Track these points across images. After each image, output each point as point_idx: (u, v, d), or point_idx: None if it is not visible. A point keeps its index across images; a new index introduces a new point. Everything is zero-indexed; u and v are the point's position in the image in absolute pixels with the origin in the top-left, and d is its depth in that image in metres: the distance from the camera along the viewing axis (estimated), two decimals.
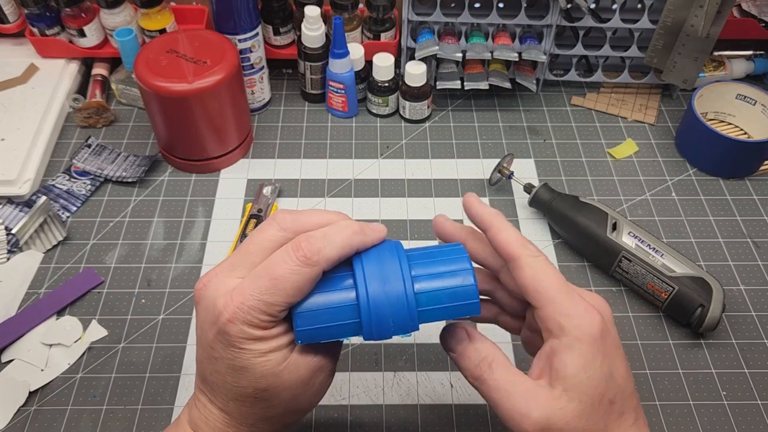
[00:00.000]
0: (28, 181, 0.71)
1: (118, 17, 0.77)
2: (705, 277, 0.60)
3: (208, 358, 0.37)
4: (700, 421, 0.56)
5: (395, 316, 0.36)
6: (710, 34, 0.73)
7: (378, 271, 0.37)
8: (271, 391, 0.37)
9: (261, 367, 0.36)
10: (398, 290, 0.36)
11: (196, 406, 0.40)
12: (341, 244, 0.37)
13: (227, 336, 0.36)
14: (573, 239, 0.67)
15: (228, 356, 0.36)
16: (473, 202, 0.42)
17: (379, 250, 0.38)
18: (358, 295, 0.36)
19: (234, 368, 0.36)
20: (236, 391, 0.37)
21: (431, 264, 0.38)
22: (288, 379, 0.37)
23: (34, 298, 0.63)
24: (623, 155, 0.78)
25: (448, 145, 0.78)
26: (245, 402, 0.38)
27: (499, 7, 0.77)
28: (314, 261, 0.36)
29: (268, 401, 0.38)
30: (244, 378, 0.37)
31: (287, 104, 0.83)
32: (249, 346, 0.36)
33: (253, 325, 0.35)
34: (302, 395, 0.39)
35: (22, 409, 0.55)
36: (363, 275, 0.37)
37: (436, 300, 0.37)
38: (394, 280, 0.37)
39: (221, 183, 0.74)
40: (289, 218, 0.38)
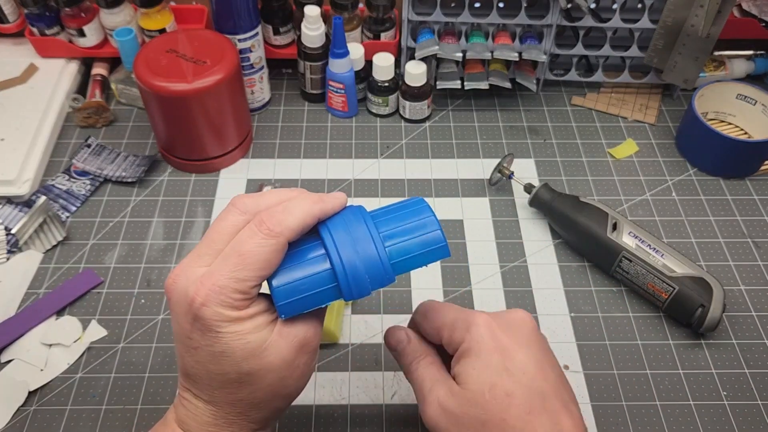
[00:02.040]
0: (28, 181, 0.71)
1: (117, 17, 0.77)
2: (705, 277, 0.60)
3: (188, 350, 0.37)
4: (701, 421, 0.56)
5: (371, 274, 0.38)
6: (711, 34, 0.73)
7: (346, 235, 0.38)
8: (255, 374, 0.37)
9: (241, 350, 0.36)
10: (370, 249, 0.38)
11: (182, 404, 0.40)
12: (301, 213, 0.37)
13: (203, 321, 0.35)
14: (573, 239, 0.67)
15: (207, 343, 0.36)
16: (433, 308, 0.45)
17: (343, 215, 0.40)
18: (332, 260, 0.38)
19: (214, 355, 0.36)
20: (220, 379, 0.37)
21: (396, 219, 0.40)
22: (271, 361, 0.37)
23: (33, 298, 0.63)
24: (623, 155, 0.78)
25: (448, 145, 0.78)
26: (231, 389, 0.37)
27: (499, 7, 0.76)
28: (277, 232, 0.36)
29: (254, 385, 0.37)
30: (227, 363, 0.36)
31: (287, 104, 0.83)
32: (226, 328, 0.36)
33: (227, 305, 0.35)
34: (288, 377, 0.38)
35: (22, 408, 0.55)
36: (333, 241, 0.38)
37: (407, 251, 0.39)
38: (364, 241, 0.38)
39: (221, 183, 0.74)
40: (249, 201, 0.38)
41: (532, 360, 0.39)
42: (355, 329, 0.61)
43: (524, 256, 0.67)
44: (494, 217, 0.71)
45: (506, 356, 0.38)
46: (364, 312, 0.62)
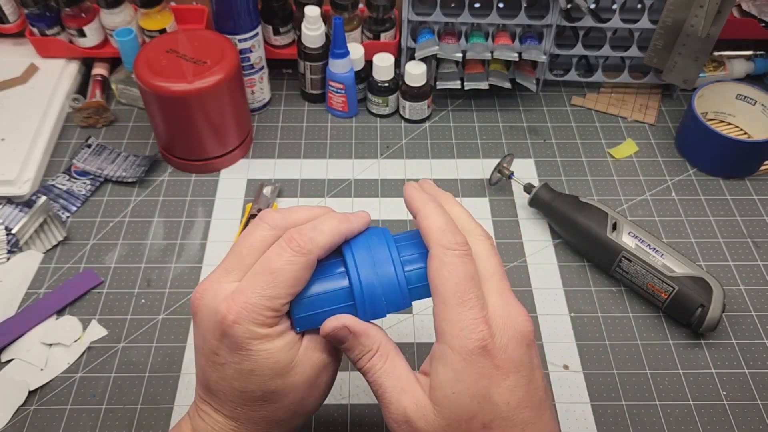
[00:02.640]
0: (28, 181, 0.71)
1: (118, 17, 0.77)
2: (705, 277, 0.60)
3: (213, 366, 0.37)
4: (701, 421, 0.56)
5: (388, 296, 0.38)
6: (710, 34, 0.73)
7: (367, 256, 0.38)
8: (280, 392, 0.37)
9: (270, 369, 0.36)
10: (389, 272, 0.38)
11: (200, 417, 0.39)
12: (330, 231, 0.38)
13: (233, 339, 0.35)
14: (573, 239, 0.67)
15: (235, 360, 0.36)
16: (407, 190, 0.40)
17: (366, 235, 0.40)
18: (350, 279, 0.38)
19: (242, 372, 0.36)
20: (245, 396, 0.37)
21: (418, 246, 0.39)
22: (295, 380, 0.37)
23: (33, 298, 0.63)
24: (623, 155, 0.78)
25: (448, 145, 0.78)
26: (254, 406, 0.37)
27: (499, 7, 0.76)
28: (308, 249, 0.36)
29: (277, 403, 0.37)
30: (253, 381, 0.36)
31: (287, 104, 0.83)
32: (256, 346, 0.36)
33: (258, 322, 0.35)
34: (309, 396, 0.39)
35: (22, 408, 0.55)
36: (354, 260, 0.38)
37: (425, 278, 0.38)
38: (384, 263, 0.38)
39: (221, 183, 0.74)
40: (277, 216, 0.39)
41: (519, 387, 0.35)
42: None
43: (524, 256, 0.67)
44: (494, 217, 0.71)
45: (493, 382, 0.34)
46: None
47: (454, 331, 0.34)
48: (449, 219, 0.38)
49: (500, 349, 0.34)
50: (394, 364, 0.37)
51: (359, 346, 0.38)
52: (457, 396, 0.34)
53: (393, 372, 0.37)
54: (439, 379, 0.35)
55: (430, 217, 0.38)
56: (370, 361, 0.37)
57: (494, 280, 0.37)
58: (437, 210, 0.38)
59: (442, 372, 0.34)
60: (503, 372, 0.34)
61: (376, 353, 0.37)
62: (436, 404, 0.35)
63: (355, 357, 0.38)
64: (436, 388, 0.35)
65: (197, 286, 0.38)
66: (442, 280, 0.35)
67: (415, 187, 0.40)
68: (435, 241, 0.36)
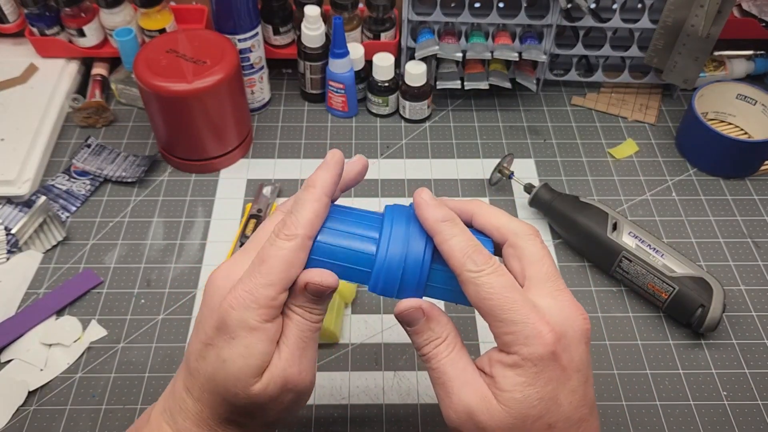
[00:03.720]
0: (28, 181, 0.71)
1: (117, 17, 0.77)
2: (705, 277, 0.60)
3: (201, 342, 0.37)
4: (701, 421, 0.56)
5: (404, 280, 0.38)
6: (711, 34, 0.73)
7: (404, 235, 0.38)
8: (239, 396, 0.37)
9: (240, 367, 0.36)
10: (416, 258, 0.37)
11: (173, 395, 0.39)
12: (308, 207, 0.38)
13: (226, 323, 0.36)
14: (573, 239, 0.67)
15: (218, 344, 0.36)
16: (421, 204, 0.38)
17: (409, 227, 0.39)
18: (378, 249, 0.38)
19: (218, 358, 0.36)
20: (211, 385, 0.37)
21: None
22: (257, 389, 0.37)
23: (33, 298, 0.63)
24: (623, 155, 0.78)
25: (448, 145, 0.78)
26: (216, 398, 0.37)
27: (499, 7, 0.76)
28: (292, 233, 0.37)
29: (234, 405, 0.37)
30: (222, 372, 0.36)
31: (287, 104, 0.83)
32: (241, 337, 0.36)
33: (252, 311, 0.36)
34: (271, 408, 0.38)
35: (21, 408, 0.55)
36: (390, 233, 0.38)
37: (445, 281, 0.38)
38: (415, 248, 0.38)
39: (221, 183, 0.74)
40: (289, 202, 0.40)
41: (579, 386, 0.36)
42: (355, 329, 0.61)
43: None
44: None
45: (560, 384, 0.35)
46: (364, 312, 0.62)
47: (519, 342, 0.34)
48: (467, 238, 0.37)
49: (565, 351, 0.35)
50: (461, 355, 0.37)
51: (428, 332, 0.38)
52: (527, 398, 0.34)
53: (458, 362, 0.37)
54: (508, 382, 0.35)
55: (447, 240, 0.37)
56: (437, 348, 0.37)
57: (549, 283, 0.37)
58: (454, 230, 0.37)
59: (512, 376, 0.35)
60: (567, 373, 0.35)
61: (444, 341, 0.37)
62: (504, 404, 0.35)
63: (422, 342, 0.38)
64: (505, 390, 0.35)
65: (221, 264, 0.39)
66: (483, 302, 0.35)
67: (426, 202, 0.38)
68: (459, 265, 0.36)
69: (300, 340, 0.38)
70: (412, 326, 0.38)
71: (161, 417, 0.39)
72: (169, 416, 0.39)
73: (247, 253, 0.38)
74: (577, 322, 0.36)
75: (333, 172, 0.39)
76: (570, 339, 0.35)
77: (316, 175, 0.39)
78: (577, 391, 0.35)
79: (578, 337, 0.36)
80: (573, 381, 0.35)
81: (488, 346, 0.60)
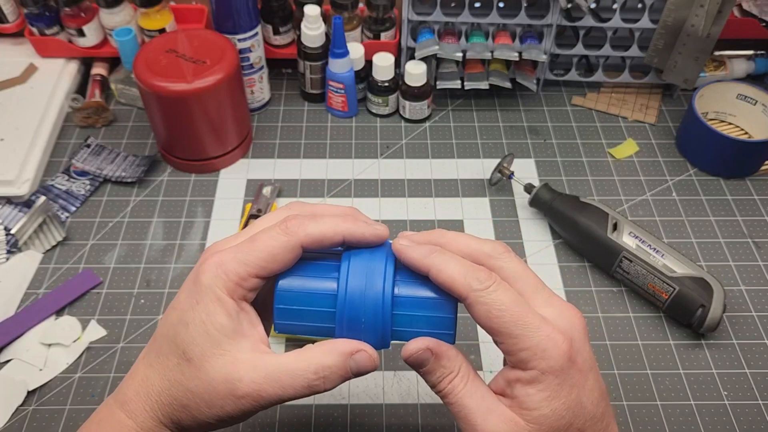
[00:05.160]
0: (27, 181, 0.70)
1: (117, 17, 0.77)
2: (706, 277, 0.60)
3: (171, 307, 0.38)
4: (702, 421, 0.55)
5: (367, 313, 0.36)
6: (711, 34, 0.73)
7: (363, 267, 0.37)
8: (188, 373, 0.35)
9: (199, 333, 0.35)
10: (376, 301, 0.36)
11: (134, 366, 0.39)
12: (326, 225, 0.37)
13: (196, 284, 0.36)
14: (573, 239, 0.67)
15: (182, 307, 0.36)
16: (402, 251, 0.37)
17: (372, 252, 0.38)
18: (338, 285, 0.37)
19: (180, 321, 0.36)
20: (167, 347, 0.36)
21: (416, 285, 0.38)
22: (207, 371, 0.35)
23: (33, 298, 0.63)
24: (624, 155, 0.78)
25: (448, 145, 0.78)
26: (169, 363, 0.36)
27: (500, 7, 0.76)
28: (293, 231, 0.36)
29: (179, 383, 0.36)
30: (180, 334, 0.36)
31: (287, 104, 0.83)
32: (204, 303, 0.35)
33: (219, 278, 0.35)
34: (206, 405, 0.35)
35: (21, 408, 0.55)
36: (347, 268, 0.37)
37: (411, 323, 0.37)
38: (374, 286, 0.37)
39: (221, 183, 0.74)
40: (298, 205, 0.40)
41: (595, 383, 0.36)
42: None
43: (524, 257, 0.67)
44: (494, 218, 0.71)
45: (581, 388, 0.35)
46: None
47: (537, 356, 0.34)
48: (462, 260, 0.36)
49: (578, 354, 0.35)
50: (477, 385, 0.36)
51: (440, 369, 0.37)
52: (555, 412, 0.34)
53: (477, 393, 0.36)
54: (533, 400, 0.34)
55: (443, 269, 0.36)
56: (451, 383, 0.36)
57: (540, 293, 0.37)
58: (445, 257, 0.37)
59: (536, 393, 0.34)
60: (584, 374, 0.35)
61: (457, 375, 0.37)
62: (533, 423, 0.34)
63: (435, 380, 0.37)
64: (532, 408, 0.34)
65: None
66: (495, 320, 0.35)
67: (407, 246, 0.38)
68: (464, 289, 0.35)
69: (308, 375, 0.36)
70: (422, 368, 0.37)
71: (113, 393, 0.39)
72: (118, 389, 0.38)
73: (238, 236, 0.39)
74: (577, 322, 0.36)
75: (358, 229, 0.38)
76: (578, 341, 0.36)
77: (356, 220, 0.38)
78: (594, 388, 0.36)
79: (582, 337, 0.36)
80: (590, 380, 0.36)
81: (488, 347, 0.59)
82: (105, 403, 0.39)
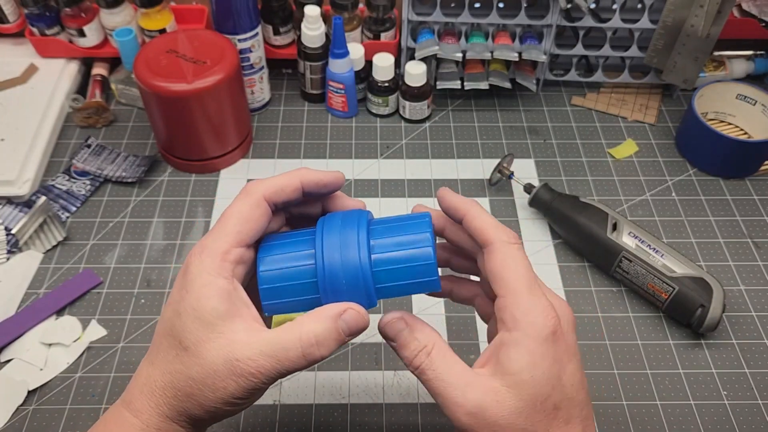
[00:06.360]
0: (28, 182, 0.71)
1: (117, 17, 0.77)
2: (705, 277, 0.60)
3: (166, 304, 0.38)
4: (701, 421, 0.55)
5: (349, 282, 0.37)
6: (710, 34, 0.73)
7: (337, 238, 0.38)
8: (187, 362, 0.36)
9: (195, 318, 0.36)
10: (353, 256, 0.37)
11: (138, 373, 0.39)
12: (280, 178, 0.39)
13: (184, 277, 0.37)
14: (573, 239, 0.67)
15: (175, 299, 0.37)
16: (446, 194, 0.41)
17: (344, 216, 0.39)
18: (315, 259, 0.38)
19: (175, 312, 0.36)
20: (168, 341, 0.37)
21: (393, 235, 0.38)
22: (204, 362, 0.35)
23: (33, 298, 0.63)
24: (623, 155, 0.78)
25: (448, 145, 0.78)
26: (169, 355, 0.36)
27: (499, 7, 0.76)
28: (252, 190, 0.38)
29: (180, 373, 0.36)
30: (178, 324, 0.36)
31: (287, 104, 0.83)
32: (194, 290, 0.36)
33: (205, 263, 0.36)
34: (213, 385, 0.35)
35: (21, 408, 0.55)
36: (321, 240, 0.38)
37: (394, 277, 0.38)
38: (350, 247, 0.37)
39: (221, 183, 0.74)
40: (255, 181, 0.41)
41: (577, 370, 0.37)
42: None
43: None
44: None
45: (562, 365, 0.36)
46: None
47: (529, 319, 0.35)
48: (491, 216, 0.39)
49: (565, 334, 0.36)
50: (454, 360, 0.37)
51: (414, 342, 0.37)
52: (534, 379, 0.35)
53: (454, 368, 0.36)
54: (514, 365, 0.35)
55: (480, 216, 0.39)
56: (428, 357, 0.37)
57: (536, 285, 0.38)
58: (482, 210, 0.39)
59: (518, 358, 0.35)
60: (568, 356, 0.36)
61: (433, 348, 0.37)
62: (512, 388, 0.35)
63: (411, 354, 0.37)
64: (512, 373, 0.35)
65: None
66: (509, 271, 0.37)
67: (450, 192, 0.41)
68: (494, 236, 0.38)
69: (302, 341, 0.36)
70: (397, 340, 0.38)
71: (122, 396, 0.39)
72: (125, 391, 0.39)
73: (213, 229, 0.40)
74: (567, 312, 0.38)
75: (316, 175, 0.40)
76: (565, 325, 0.37)
77: (304, 169, 0.40)
78: (576, 374, 0.37)
79: (569, 326, 0.38)
80: (573, 364, 0.37)
81: None
82: (113, 405, 0.39)
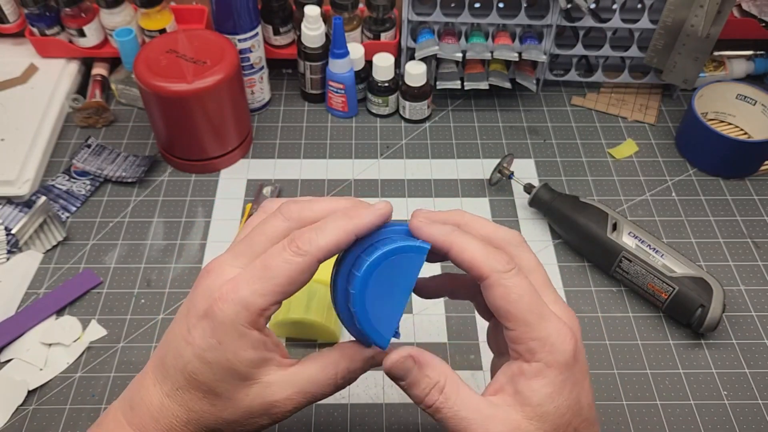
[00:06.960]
0: (28, 182, 0.71)
1: (117, 17, 0.77)
2: (705, 277, 0.60)
3: (180, 339, 0.36)
4: (701, 421, 0.55)
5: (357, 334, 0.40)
6: (710, 34, 0.73)
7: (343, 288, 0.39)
8: (218, 400, 0.36)
9: (225, 371, 0.35)
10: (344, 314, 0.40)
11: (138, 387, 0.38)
12: (334, 233, 0.35)
13: (212, 320, 0.35)
14: (573, 239, 0.67)
15: (201, 345, 0.35)
16: (420, 226, 0.37)
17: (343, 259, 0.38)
18: None
19: (201, 359, 0.35)
20: (190, 382, 0.36)
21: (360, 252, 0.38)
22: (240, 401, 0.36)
23: (33, 298, 0.63)
24: (623, 155, 0.78)
25: (448, 145, 0.78)
26: (191, 396, 0.36)
27: (499, 7, 0.76)
28: (305, 251, 0.35)
29: (212, 408, 0.36)
30: (204, 373, 0.35)
31: (287, 104, 0.83)
32: (230, 343, 0.35)
33: (242, 315, 0.35)
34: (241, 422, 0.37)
35: (21, 408, 0.55)
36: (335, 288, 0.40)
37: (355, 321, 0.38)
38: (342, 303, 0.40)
39: (221, 183, 0.74)
40: (295, 209, 0.37)
41: (590, 387, 0.36)
42: None
43: None
44: (494, 218, 0.71)
45: (581, 387, 0.35)
46: None
47: (546, 348, 0.34)
48: (478, 242, 0.36)
49: (580, 353, 0.35)
50: (469, 393, 0.35)
51: (425, 379, 0.35)
52: (558, 409, 0.34)
53: (471, 402, 0.35)
54: (536, 397, 0.34)
55: (466, 247, 0.35)
56: (441, 394, 0.35)
57: (548, 290, 0.37)
58: (466, 237, 0.36)
59: (540, 389, 0.34)
60: (583, 374, 0.35)
61: (445, 384, 0.35)
62: (534, 420, 0.34)
63: (422, 393, 0.35)
64: (535, 405, 0.34)
65: (210, 260, 0.38)
66: (513, 305, 0.34)
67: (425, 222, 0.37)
68: (486, 269, 0.35)
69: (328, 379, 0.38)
70: (405, 379, 0.36)
71: (118, 406, 0.38)
72: (129, 407, 0.38)
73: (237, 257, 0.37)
74: (575, 323, 0.36)
75: (363, 222, 0.36)
76: (578, 339, 0.36)
77: (358, 212, 0.36)
78: (590, 391, 0.36)
79: (580, 336, 0.36)
80: (587, 382, 0.36)
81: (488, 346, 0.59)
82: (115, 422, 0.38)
